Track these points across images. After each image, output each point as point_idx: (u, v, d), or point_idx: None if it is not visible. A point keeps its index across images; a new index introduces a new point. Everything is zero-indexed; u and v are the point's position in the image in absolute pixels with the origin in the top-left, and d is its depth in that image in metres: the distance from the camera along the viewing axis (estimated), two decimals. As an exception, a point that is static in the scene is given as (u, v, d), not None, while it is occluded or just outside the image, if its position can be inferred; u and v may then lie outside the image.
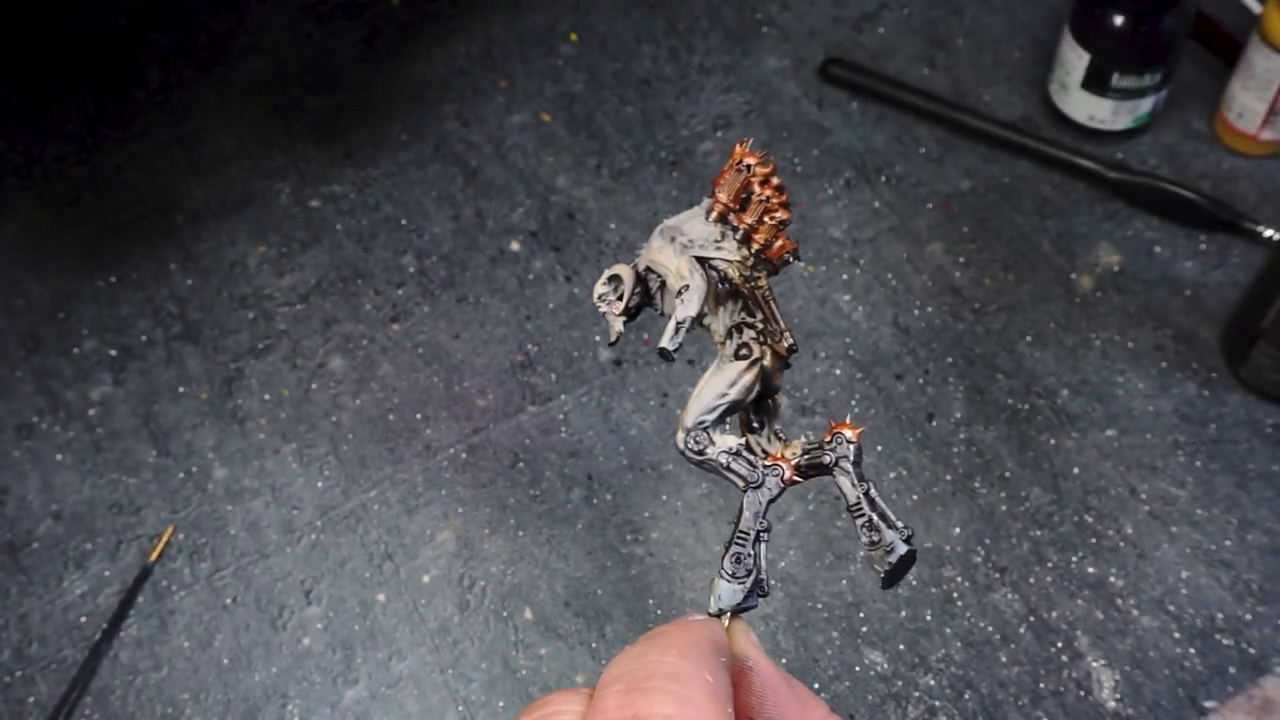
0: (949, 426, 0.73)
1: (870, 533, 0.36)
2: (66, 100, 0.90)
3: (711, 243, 0.39)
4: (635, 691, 0.27)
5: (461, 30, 0.93)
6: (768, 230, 0.38)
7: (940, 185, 0.84)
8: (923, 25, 0.92)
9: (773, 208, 0.38)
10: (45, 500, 0.73)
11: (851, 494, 0.36)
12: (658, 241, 0.39)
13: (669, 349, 0.37)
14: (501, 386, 0.76)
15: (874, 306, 0.78)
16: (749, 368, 0.38)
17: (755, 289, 0.39)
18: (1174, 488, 0.71)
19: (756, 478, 0.37)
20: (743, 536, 0.36)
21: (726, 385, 0.38)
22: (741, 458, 0.37)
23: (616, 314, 0.39)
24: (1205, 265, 0.79)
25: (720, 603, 0.36)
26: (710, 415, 0.37)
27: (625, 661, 0.29)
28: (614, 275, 0.39)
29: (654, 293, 0.40)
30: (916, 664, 0.66)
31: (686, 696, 0.27)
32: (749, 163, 0.38)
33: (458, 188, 0.85)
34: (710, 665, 0.29)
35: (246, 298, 0.81)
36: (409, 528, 0.72)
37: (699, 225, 0.39)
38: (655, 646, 0.29)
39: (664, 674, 0.28)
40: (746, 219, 0.38)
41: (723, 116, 0.88)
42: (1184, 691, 0.65)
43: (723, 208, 0.39)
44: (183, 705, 0.66)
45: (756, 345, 0.38)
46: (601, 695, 0.28)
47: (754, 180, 0.38)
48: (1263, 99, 0.79)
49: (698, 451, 0.37)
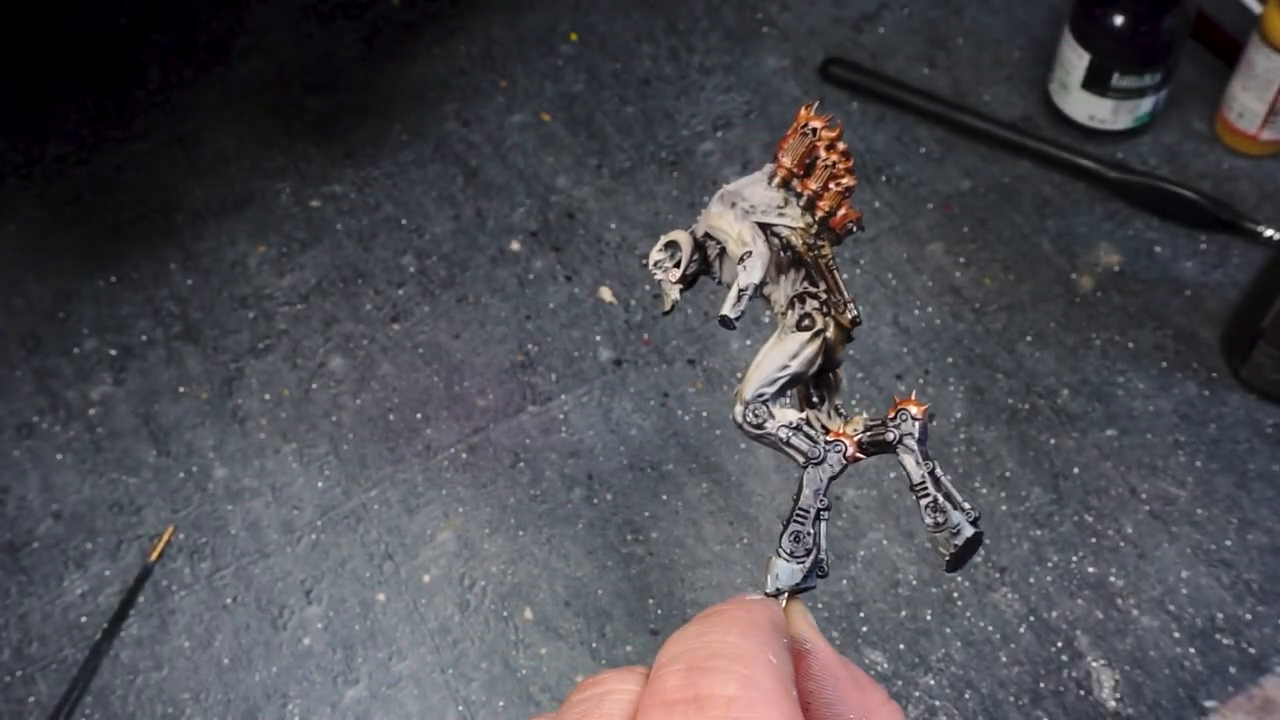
0: (949, 426, 0.74)
1: (935, 514, 0.35)
2: (66, 100, 0.90)
3: (774, 209, 0.37)
4: (697, 671, 0.26)
5: (461, 30, 0.93)
6: (833, 197, 0.37)
7: (940, 185, 0.84)
8: (923, 25, 0.92)
9: (839, 174, 0.37)
10: (45, 500, 0.73)
11: (916, 473, 0.35)
12: (717, 207, 0.37)
13: (731, 317, 0.36)
14: (502, 386, 0.76)
15: (874, 306, 0.78)
16: (812, 339, 0.36)
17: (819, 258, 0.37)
18: (1174, 487, 0.71)
19: (818, 453, 0.35)
20: (802, 514, 0.35)
21: (788, 357, 0.36)
22: (802, 432, 0.36)
23: (673, 281, 0.37)
24: (1205, 265, 0.79)
25: (778, 582, 0.34)
26: (771, 388, 0.36)
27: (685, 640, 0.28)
28: (671, 241, 0.38)
29: (712, 260, 0.38)
30: (916, 664, 0.66)
31: (750, 678, 0.26)
32: (815, 126, 0.37)
33: (458, 188, 0.85)
34: (773, 646, 0.28)
35: (247, 297, 0.81)
36: (409, 527, 0.72)
37: (761, 190, 0.37)
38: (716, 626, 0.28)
39: (727, 654, 0.27)
40: (811, 185, 0.37)
41: (723, 116, 0.88)
42: (1184, 691, 0.65)
43: (786, 172, 0.37)
44: (183, 705, 0.66)
45: (820, 316, 0.36)
46: (661, 674, 0.27)
47: (819, 145, 0.37)
48: (1263, 99, 0.79)
49: (757, 425, 0.36)
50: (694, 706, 0.25)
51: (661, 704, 0.26)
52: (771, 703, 0.26)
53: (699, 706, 0.25)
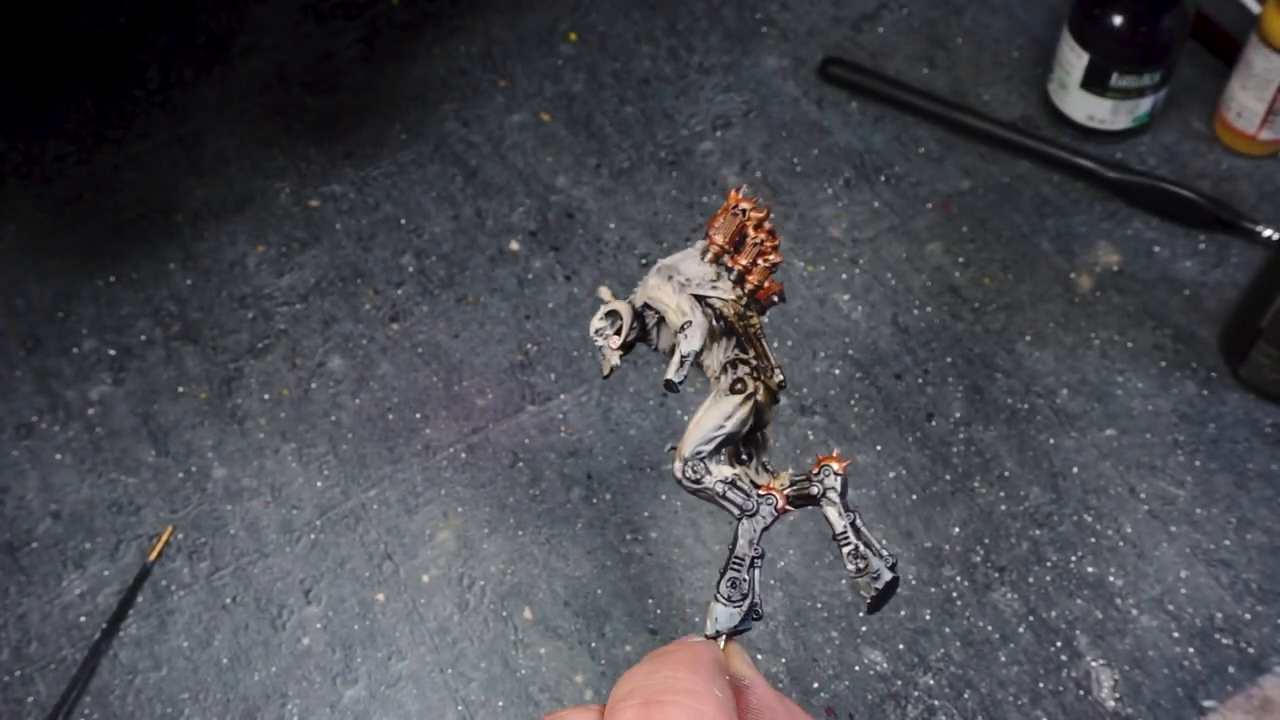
0: (948, 426, 0.74)
1: (857, 560, 0.38)
2: (66, 100, 0.90)
3: (708, 282, 0.40)
4: (652, 705, 0.29)
5: (461, 30, 0.93)
6: (761, 272, 0.40)
7: (940, 185, 0.84)
8: (922, 25, 0.92)
9: (766, 250, 0.40)
10: (44, 500, 0.73)
11: (839, 524, 0.38)
12: (655, 279, 0.40)
13: (675, 381, 0.39)
14: (501, 386, 0.76)
15: (873, 306, 0.78)
16: (744, 401, 0.39)
17: (748, 327, 0.40)
18: (1173, 487, 0.71)
19: (751, 506, 0.38)
20: (738, 562, 0.38)
21: (723, 418, 0.39)
22: (737, 487, 0.39)
23: (614, 348, 0.40)
24: (1204, 265, 0.79)
25: (717, 625, 0.37)
26: (708, 446, 0.39)
27: (637, 678, 0.30)
28: (612, 311, 0.41)
29: (650, 329, 0.41)
30: (916, 663, 0.66)
31: (701, 711, 0.28)
32: (744, 207, 0.40)
33: (457, 187, 0.85)
34: (718, 682, 0.30)
35: (246, 297, 0.81)
36: (408, 527, 0.72)
37: (695, 265, 0.40)
38: (667, 664, 0.30)
39: (678, 689, 0.29)
40: (741, 260, 0.40)
41: (722, 116, 0.88)
42: (1183, 691, 0.65)
43: (719, 249, 0.40)
44: (182, 705, 0.66)
45: (751, 380, 0.40)
46: (617, 710, 0.29)
47: (748, 224, 0.40)
48: (1262, 99, 0.79)
49: (695, 480, 0.39)
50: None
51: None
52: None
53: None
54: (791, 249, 0.81)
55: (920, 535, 0.70)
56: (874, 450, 0.73)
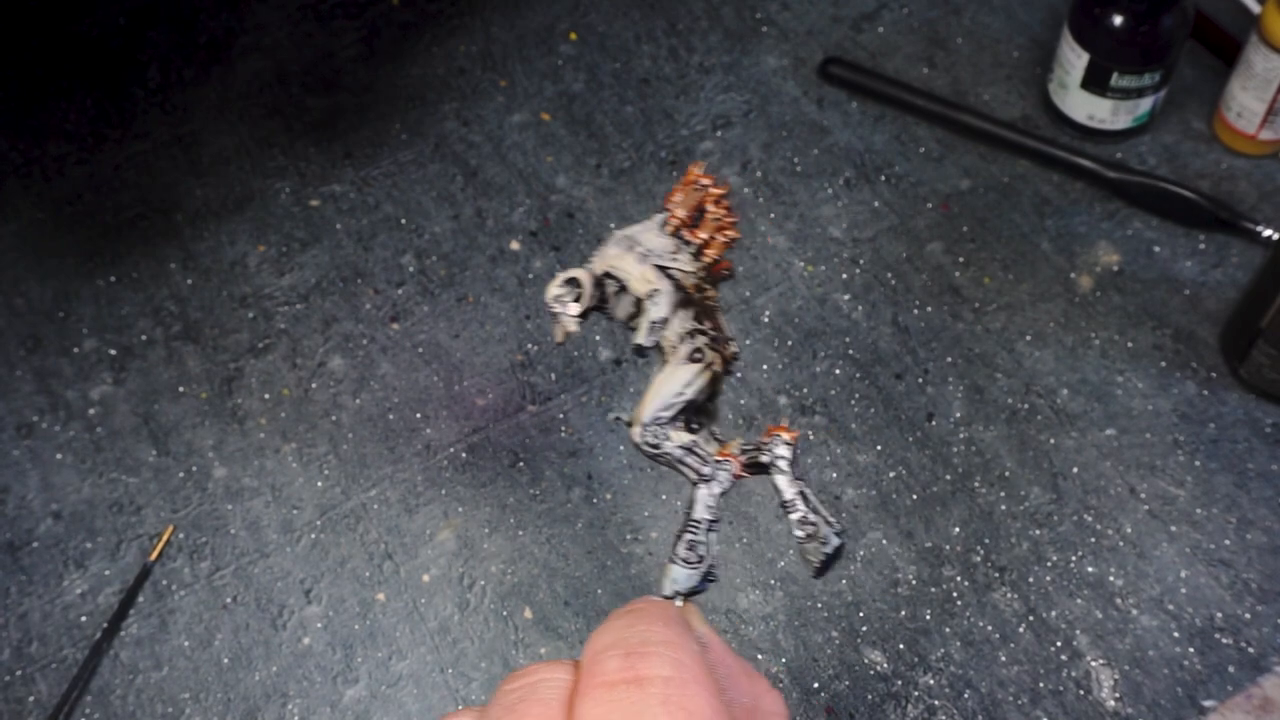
0: (948, 426, 0.74)
1: (805, 526, 0.39)
2: (66, 100, 0.90)
3: (668, 254, 0.41)
4: (634, 655, 0.29)
5: (461, 30, 0.93)
6: (719, 246, 0.41)
7: (940, 185, 0.84)
8: (922, 25, 0.92)
9: (725, 225, 0.41)
10: (45, 499, 0.73)
11: (788, 491, 0.39)
12: (615, 249, 0.41)
13: (646, 345, 0.40)
14: (501, 386, 0.76)
15: (873, 306, 0.78)
16: (703, 370, 0.40)
17: (705, 299, 0.41)
18: (1173, 487, 0.71)
19: (709, 472, 0.39)
20: (695, 525, 0.39)
21: (683, 385, 0.40)
22: (694, 453, 0.39)
23: (572, 315, 0.41)
24: (1204, 265, 0.79)
25: (676, 585, 0.38)
26: (667, 412, 0.40)
27: (615, 631, 0.31)
28: (571, 278, 0.41)
29: (609, 297, 0.42)
30: (916, 663, 0.66)
31: (681, 661, 0.29)
32: (705, 182, 0.41)
33: (457, 187, 0.85)
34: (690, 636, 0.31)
35: (246, 297, 0.81)
36: (409, 527, 0.72)
37: (655, 237, 0.41)
38: (641, 619, 0.31)
39: (658, 640, 0.30)
40: (701, 234, 0.41)
41: (722, 116, 0.88)
42: (1183, 691, 0.65)
43: (679, 222, 0.41)
44: (183, 704, 0.67)
45: (709, 350, 0.40)
46: (599, 659, 0.30)
47: (708, 199, 0.41)
48: (1262, 99, 0.79)
49: (654, 445, 0.39)
50: (635, 686, 0.29)
51: (603, 685, 0.29)
52: (701, 683, 0.29)
53: (639, 686, 0.29)
54: (791, 249, 0.81)
55: (920, 535, 0.70)
56: (874, 450, 0.73)
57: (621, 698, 0.28)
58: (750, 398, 0.75)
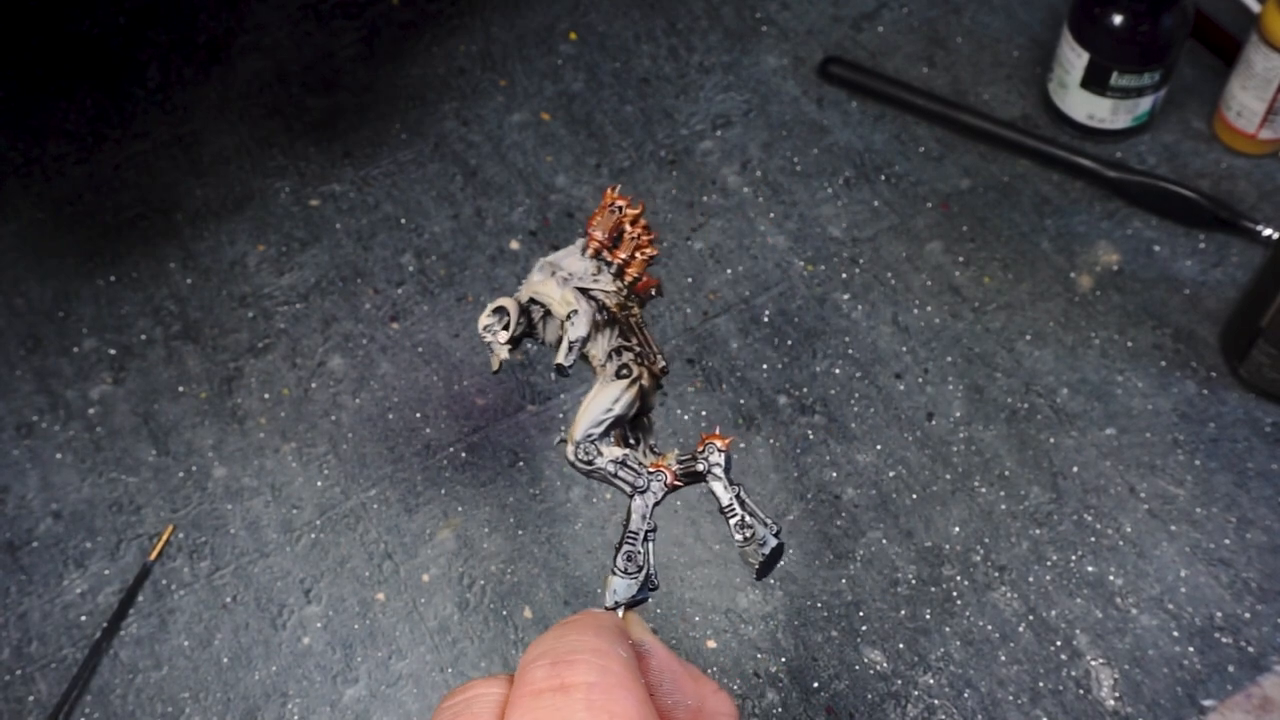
0: (948, 425, 0.74)
1: (744, 529, 0.40)
2: (66, 99, 0.90)
3: (590, 276, 0.42)
4: (561, 664, 0.31)
5: (461, 30, 0.93)
6: (639, 265, 0.43)
7: (939, 184, 0.84)
8: (922, 24, 0.92)
9: (643, 245, 0.43)
10: (45, 499, 0.73)
11: (725, 497, 0.41)
12: (538, 276, 0.42)
13: (565, 365, 0.41)
14: (501, 385, 0.76)
15: (873, 305, 0.78)
16: (629, 385, 0.42)
17: (629, 316, 0.42)
18: (1173, 486, 0.71)
19: (643, 483, 0.41)
20: (632, 536, 0.40)
21: (611, 401, 0.41)
22: (627, 466, 0.41)
23: (502, 343, 0.42)
24: (1204, 264, 0.79)
25: (616, 596, 0.39)
26: (597, 429, 0.41)
27: (546, 642, 0.32)
28: (499, 307, 0.42)
29: (536, 323, 0.43)
30: (916, 663, 0.66)
31: (607, 668, 0.30)
32: (620, 204, 0.42)
33: (457, 187, 0.85)
34: (622, 644, 0.32)
35: (246, 297, 0.81)
36: (408, 527, 0.72)
37: (576, 261, 0.43)
38: (572, 629, 0.32)
39: (585, 649, 0.31)
40: (620, 254, 0.43)
41: (722, 116, 0.88)
42: (1183, 690, 0.65)
43: (598, 244, 0.42)
44: (183, 704, 0.67)
45: (635, 366, 0.42)
46: (527, 670, 0.31)
47: (625, 220, 0.42)
48: (1261, 98, 0.79)
49: (587, 462, 0.41)
50: (560, 694, 0.30)
51: (530, 694, 0.30)
52: (625, 688, 0.30)
53: (564, 693, 0.30)
54: (791, 248, 0.81)
55: (920, 535, 0.70)
56: (874, 450, 0.73)
57: (547, 704, 0.30)
58: (750, 397, 0.75)
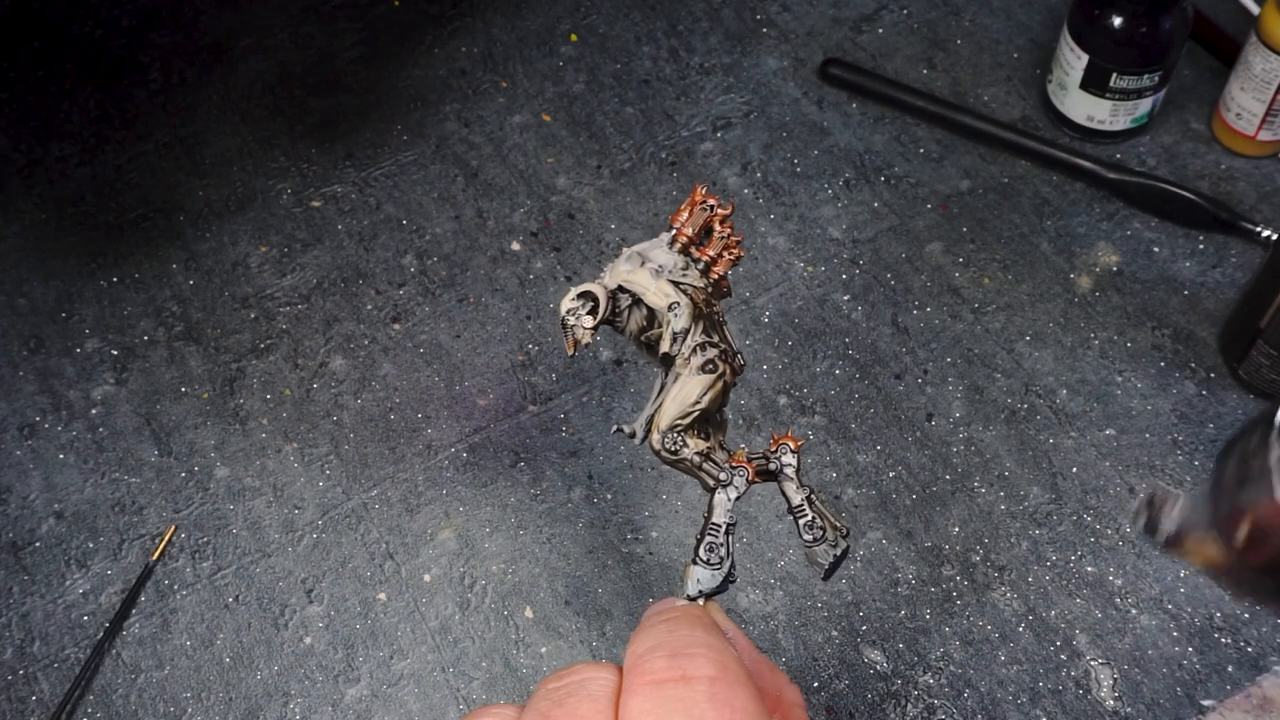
0: (948, 426, 0.74)
1: (814, 530, 0.41)
2: (69, 101, 0.91)
3: (679, 269, 0.43)
4: (680, 656, 0.31)
5: (462, 31, 0.94)
6: (726, 264, 0.43)
7: (939, 185, 0.84)
8: (922, 26, 0.92)
9: (731, 244, 0.43)
10: (48, 499, 0.73)
11: (796, 497, 0.41)
12: (627, 265, 0.43)
13: (672, 354, 0.42)
14: (502, 386, 0.77)
15: (873, 306, 0.79)
16: (715, 380, 0.42)
17: (713, 313, 0.43)
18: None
19: (726, 477, 0.41)
20: (715, 528, 0.41)
21: (700, 394, 0.42)
22: (711, 459, 0.41)
23: (587, 327, 0.42)
24: (1204, 265, 0.79)
25: (700, 586, 0.40)
26: (684, 420, 0.41)
27: (658, 634, 0.32)
28: (585, 292, 0.42)
29: (621, 311, 0.43)
30: (915, 663, 0.66)
31: (724, 663, 0.31)
32: (710, 203, 0.43)
33: (458, 188, 0.85)
34: (728, 639, 0.33)
35: (248, 298, 0.81)
36: (410, 527, 0.72)
37: (664, 253, 0.43)
38: (683, 624, 0.33)
39: (701, 643, 0.31)
40: (709, 251, 0.43)
41: (723, 117, 0.88)
42: (1182, 690, 0.65)
43: (687, 239, 0.43)
44: (185, 704, 0.67)
45: (720, 362, 0.42)
46: (644, 659, 0.31)
47: (715, 219, 0.43)
48: (1261, 99, 0.79)
49: (673, 452, 0.41)
50: (682, 684, 0.30)
51: (651, 683, 0.30)
52: (742, 683, 0.30)
53: (687, 684, 0.30)
54: (791, 249, 0.81)
55: (920, 535, 0.70)
56: (874, 450, 0.73)
57: (670, 694, 0.30)
58: (750, 398, 0.75)
